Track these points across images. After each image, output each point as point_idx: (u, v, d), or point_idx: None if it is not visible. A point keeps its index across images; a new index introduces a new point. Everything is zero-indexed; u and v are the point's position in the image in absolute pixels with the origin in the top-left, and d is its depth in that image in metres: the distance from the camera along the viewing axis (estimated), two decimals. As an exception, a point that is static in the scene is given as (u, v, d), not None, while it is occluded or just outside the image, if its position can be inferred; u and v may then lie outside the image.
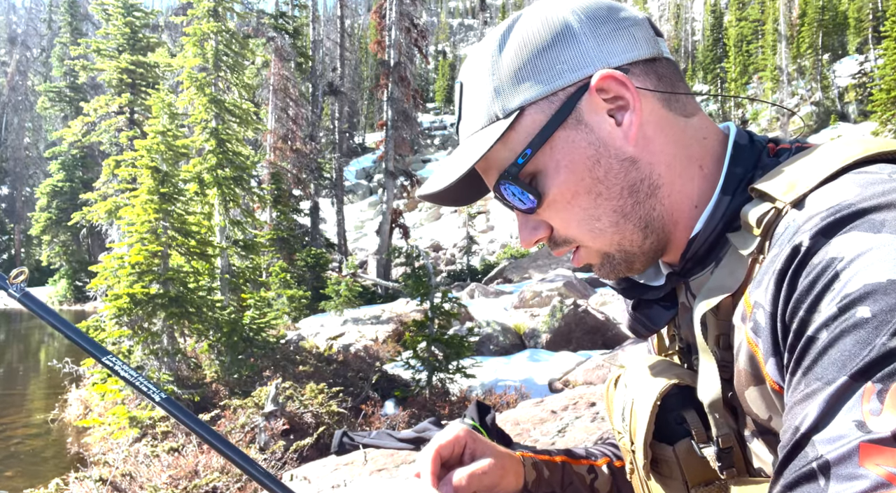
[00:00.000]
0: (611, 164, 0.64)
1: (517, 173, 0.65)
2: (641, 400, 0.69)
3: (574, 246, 0.70)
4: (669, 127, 0.65)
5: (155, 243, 7.33)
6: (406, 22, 18.56)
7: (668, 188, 0.65)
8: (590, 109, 0.63)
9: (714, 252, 0.65)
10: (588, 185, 0.65)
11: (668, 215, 0.66)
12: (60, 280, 29.49)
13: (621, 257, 0.68)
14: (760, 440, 0.59)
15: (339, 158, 22.57)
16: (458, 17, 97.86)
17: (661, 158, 0.65)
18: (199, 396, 6.97)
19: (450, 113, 60.42)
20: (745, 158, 0.66)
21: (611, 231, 0.66)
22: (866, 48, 33.99)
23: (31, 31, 50.25)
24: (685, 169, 0.66)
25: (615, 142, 0.64)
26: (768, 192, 0.58)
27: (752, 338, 0.54)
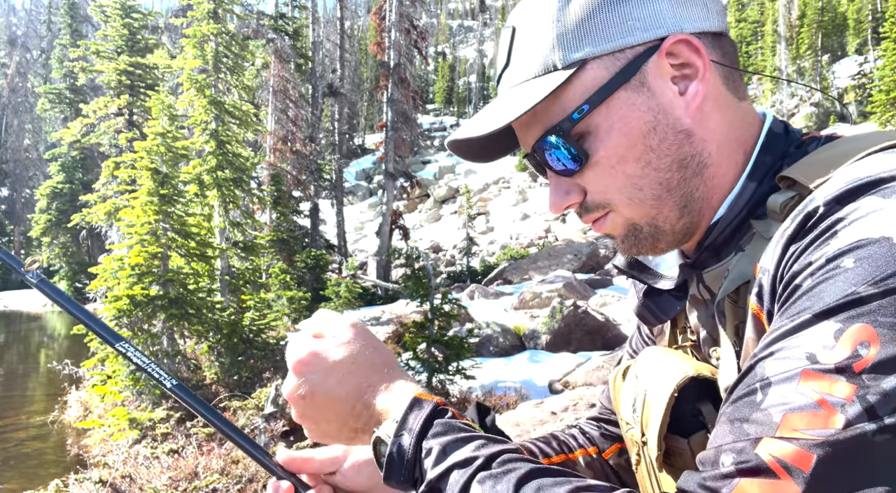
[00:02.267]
0: (666, 133, 0.62)
1: (570, 129, 0.62)
2: (656, 392, 0.68)
3: (605, 212, 0.67)
4: (726, 106, 0.64)
5: (155, 245, 7.33)
6: (406, 23, 18.58)
7: (714, 170, 0.64)
8: (655, 73, 0.61)
9: (733, 242, 0.64)
10: (639, 151, 0.62)
11: (706, 199, 0.65)
12: (60, 282, 29.47)
13: (649, 233, 0.66)
14: None
15: (339, 160, 22.57)
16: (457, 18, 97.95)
17: (714, 137, 0.63)
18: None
19: (450, 114, 60.43)
20: (776, 147, 0.65)
21: (650, 203, 0.64)
22: (865, 49, 34.03)
23: (31, 33, 50.29)
24: (733, 152, 0.65)
25: (675, 111, 0.62)
26: (795, 178, 0.57)
27: (755, 303, 0.54)
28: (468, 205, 25.16)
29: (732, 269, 0.62)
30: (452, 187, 36.84)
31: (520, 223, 28.50)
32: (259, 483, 4.66)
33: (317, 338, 0.66)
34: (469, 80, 64.98)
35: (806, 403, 0.42)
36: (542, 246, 22.70)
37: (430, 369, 6.90)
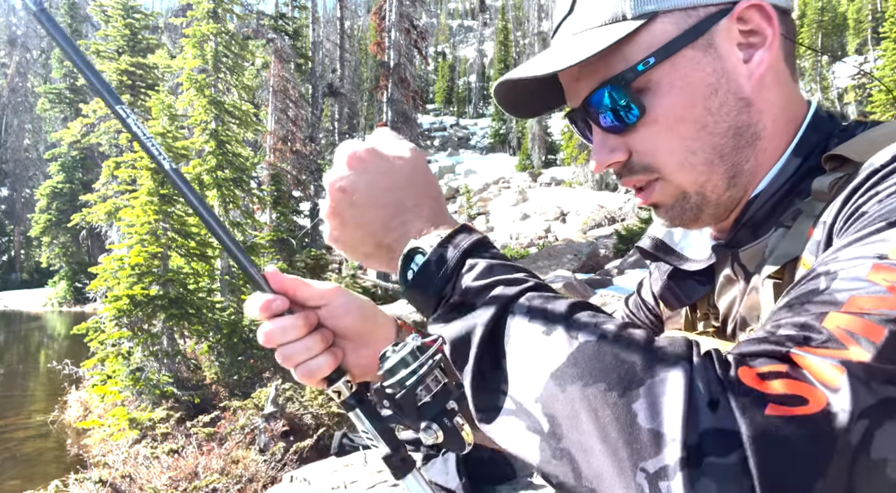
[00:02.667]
0: (727, 98, 0.61)
1: (631, 81, 0.61)
2: None
3: (651, 178, 0.65)
4: (785, 82, 0.64)
5: (155, 245, 7.33)
6: (406, 23, 18.59)
7: (766, 143, 0.63)
8: (724, 36, 0.61)
9: (772, 219, 0.63)
10: (698, 113, 0.61)
11: (753, 172, 0.64)
12: (60, 282, 29.49)
13: (696, 202, 0.65)
14: None
15: (339, 160, 22.57)
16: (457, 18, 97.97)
17: (771, 110, 0.63)
18: (199, 397, 6.97)
19: (449, 114, 60.42)
20: (822, 127, 0.65)
21: (701, 169, 0.63)
22: (865, 49, 34.05)
23: (31, 33, 50.27)
24: (785, 127, 0.64)
25: (738, 78, 0.61)
26: (847, 155, 0.56)
27: (807, 259, 0.54)
28: (468, 205, 25.16)
29: (775, 246, 0.61)
30: (452, 187, 36.85)
31: (520, 223, 28.50)
32: (259, 483, 4.66)
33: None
34: (469, 80, 64.97)
35: (875, 289, 0.40)
36: (542, 246, 22.71)
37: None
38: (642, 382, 0.40)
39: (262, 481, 4.68)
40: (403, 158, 0.60)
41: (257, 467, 4.79)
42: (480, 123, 53.50)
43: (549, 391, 0.43)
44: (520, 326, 0.47)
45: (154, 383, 6.91)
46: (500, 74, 45.38)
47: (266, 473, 4.77)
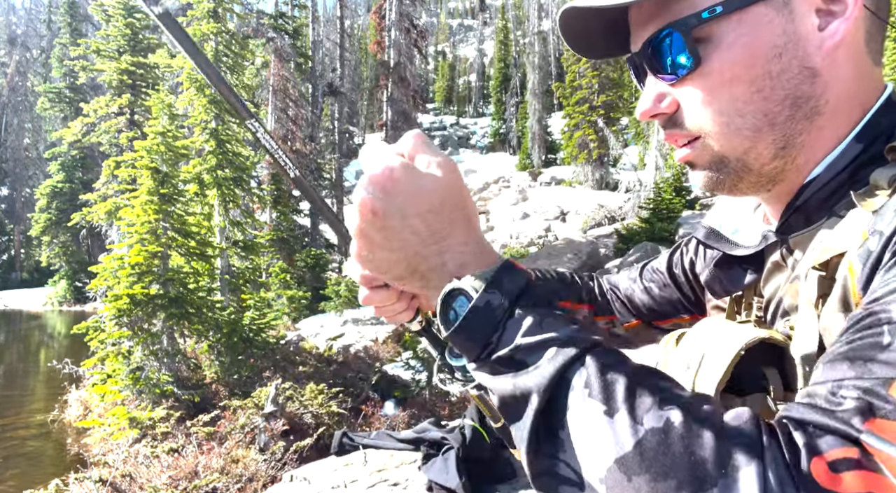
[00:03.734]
0: (791, 64, 0.57)
1: (693, 27, 0.57)
2: (720, 349, 0.65)
3: (693, 137, 0.62)
4: (860, 62, 0.60)
5: (155, 244, 7.33)
6: (406, 22, 18.58)
7: (826, 121, 0.59)
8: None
9: (826, 206, 0.60)
10: (756, 74, 0.58)
11: (807, 147, 0.60)
12: (60, 281, 29.49)
13: (735, 168, 0.62)
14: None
15: (339, 159, 22.57)
16: (457, 17, 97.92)
17: (837, 87, 0.59)
18: (199, 396, 6.97)
19: (450, 113, 60.40)
20: (893, 114, 0.60)
21: (747, 134, 0.60)
22: (866, 48, 34.07)
23: (31, 32, 50.26)
24: (852, 110, 0.60)
25: (808, 45, 0.57)
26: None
27: (854, 265, 0.51)
28: (468, 204, 25.14)
29: (823, 237, 0.58)
30: (452, 187, 36.80)
31: (520, 222, 28.49)
32: (259, 482, 4.67)
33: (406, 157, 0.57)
34: (469, 79, 64.93)
35: None
36: (542, 245, 22.70)
37: (430, 369, 6.90)
38: (715, 482, 0.39)
39: (262, 480, 4.68)
40: (438, 178, 0.55)
41: (257, 466, 4.80)
42: (480, 123, 53.47)
43: (614, 477, 0.42)
44: (579, 400, 0.46)
45: (154, 383, 6.91)
46: (500, 73, 45.34)
47: (266, 472, 4.78)
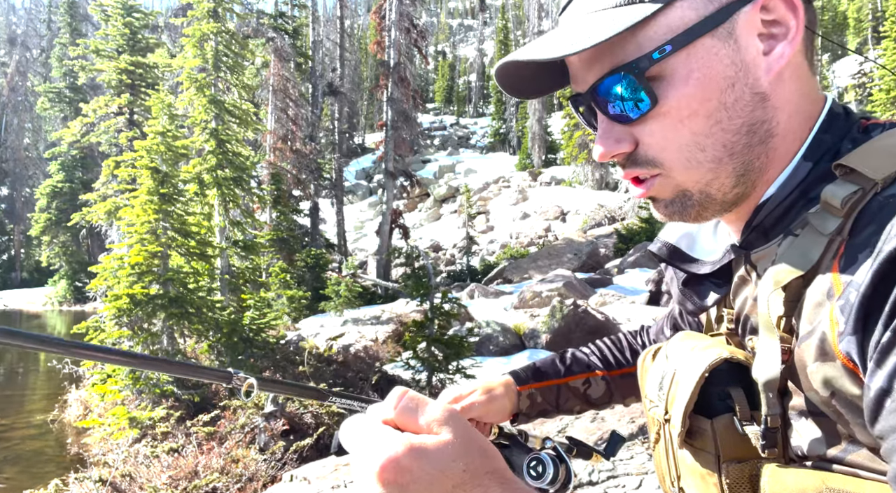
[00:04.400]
0: (743, 92, 0.57)
1: (646, 69, 0.57)
2: (686, 371, 0.67)
3: (654, 172, 0.62)
4: (803, 76, 0.60)
5: (155, 244, 7.33)
6: (406, 22, 18.58)
7: (779, 141, 0.60)
8: (745, 25, 0.57)
9: (782, 224, 0.61)
10: (712, 107, 0.57)
11: (763, 170, 0.61)
12: (60, 281, 29.49)
13: (699, 200, 0.62)
14: (810, 419, 0.57)
15: (339, 159, 22.57)
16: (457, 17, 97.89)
17: (787, 107, 0.59)
18: (199, 396, 6.97)
19: (450, 113, 60.39)
20: (836, 128, 0.61)
21: (708, 166, 0.60)
22: (866, 48, 34.02)
23: (31, 32, 50.25)
24: (800, 126, 0.61)
25: (756, 71, 0.57)
26: (856, 168, 0.54)
27: (836, 315, 0.51)
28: (468, 204, 25.16)
29: (780, 257, 0.58)
30: (452, 186, 36.84)
31: (520, 222, 28.49)
32: (259, 482, 4.67)
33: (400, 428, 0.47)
34: (469, 79, 64.93)
35: None
36: (541, 245, 22.70)
37: (430, 369, 6.91)
38: None
39: (262, 480, 4.68)
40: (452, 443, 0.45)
41: (257, 466, 4.80)
42: (480, 123, 53.48)
43: None
44: None
45: (154, 383, 6.91)
46: (500, 74, 45.29)
47: (266, 472, 4.78)
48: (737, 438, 0.63)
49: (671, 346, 0.75)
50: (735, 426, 0.63)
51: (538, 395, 1.04)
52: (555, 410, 1.07)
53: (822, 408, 0.55)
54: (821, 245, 0.55)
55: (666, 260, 0.77)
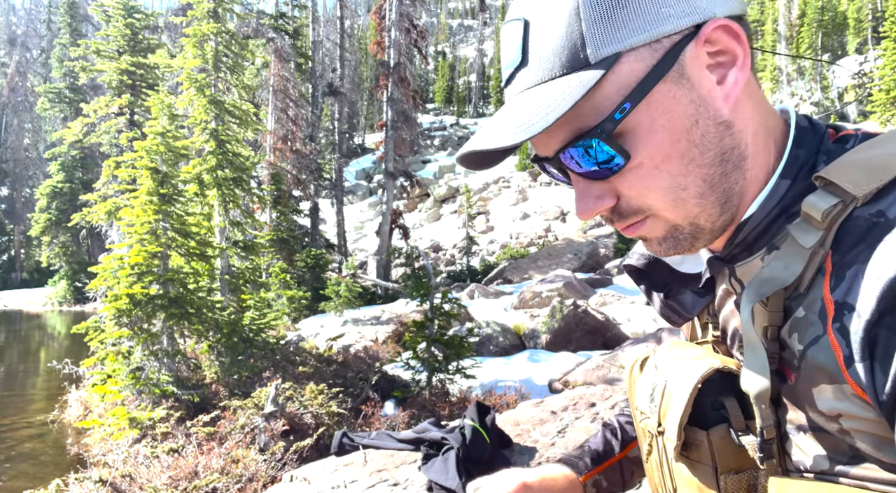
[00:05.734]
0: (708, 126, 0.57)
1: (612, 130, 0.56)
2: (679, 382, 0.66)
3: (642, 217, 0.62)
4: (754, 92, 0.61)
5: (154, 244, 7.33)
6: (406, 22, 18.58)
7: (752, 161, 0.60)
8: (693, 63, 0.57)
9: (765, 238, 0.62)
10: (683, 148, 0.57)
11: (744, 192, 0.61)
12: (60, 281, 29.49)
13: (690, 232, 0.62)
14: (811, 434, 0.56)
15: (339, 159, 22.58)
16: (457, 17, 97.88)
17: (750, 127, 0.60)
18: (199, 396, 6.97)
19: (450, 113, 60.39)
20: (808, 141, 0.61)
21: (693, 202, 0.60)
22: (865, 48, 34.03)
23: (31, 33, 50.27)
24: (766, 141, 0.61)
25: (715, 102, 0.58)
26: (836, 182, 0.55)
27: (837, 339, 0.51)
28: (468, 204, 25.16)
29: (764, 270, 0.59)
30: (452, 187, 36.84)
31: (520, 223, 28.48)
32: (259, 482, 4.67)
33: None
34: (469, 79, 64.94)
35: None
36: (541, 245, 22.70)
37: (430, 369, 6.91)
38: None
39: (262, 480, 4.68)
40: None
41: (257, 466, 4.80)
42: (480, 123, 53.50)
43: None
44: None
45: (154, 383, 6.91)
46: (499, 74, 45.31)
47: (266, 472, 4.78)
48: (733, 448, 0.62)
49: (660, 356, 0.74)
50: (731, 437, 0.62)
51: (603, 479, 0.97)
52: (621, 488, 1.00)
53: (825, 426, 0.54)
54: (803, 258, 0.55)
55: (644, 271, 0.76)
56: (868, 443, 0.51)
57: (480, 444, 3.15)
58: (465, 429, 3.24)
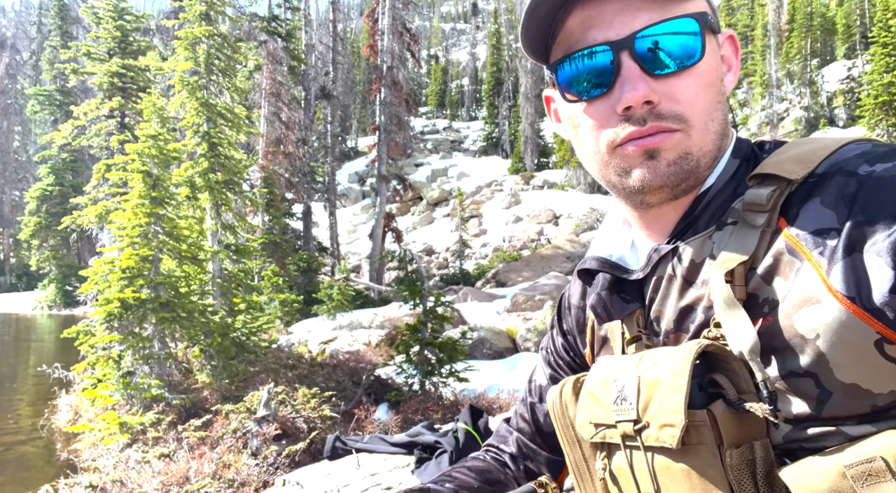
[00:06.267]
0: (722, 90, 0.69)
1: (710, 23, 0.67)
2: (663, 369, 0.62)
3: (676, 128, 0.65)
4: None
5: (146, 248, 7.28)
6: (399, 26, 18.60)
7: (727, 141, 0.72)
8: (719, 48, 0.70)
9: (714, 217, 0.68)
10: (717, 88, 0.68)
11: (716, 162, 0.70)
12: (50, 285, 29.26)
13: (692, 166, 0.67)
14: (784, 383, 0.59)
15: (332, 162, 22.54)
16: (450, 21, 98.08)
17: (726, 119, 0.70)
18: (191, 401, 6.93)
19: (442, 117, 60.43)
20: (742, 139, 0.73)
21: (712, 135, 0.68)
22: (854, 54, 34.36)
23: (21, 35, 49.94)
24: (726, 135, 0.71)
25: (722, 82, 0.70)
26: (775, 173, 0.64)
27: (817, 259, 0.58)
28: (461, 207, 25.17)
29: (724, 245, 0.65)
30: (445, 190, 36.85)
31: (512, 226, 28.53)
32: (251, 487, 4.64)
33: None
34: (461, 83, 65.03)
35: None
36: (534, 249, 22.74)
37: (423, 372, 6.90)
38: None
39: (254, 485, 4.66)
40: None
41: (249, 471, 4.77)
42: (473, 126, 53.57)
43: None
44: None
45: (145, 387, 6.86)
46: (492, 77, 45.44)
47: (258, 477, 4.76)
48: (735, 421, 0.61)
49: (610, 368, 0.71)
50: (732, 407, 0.60)
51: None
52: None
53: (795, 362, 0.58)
54: (755, 236, 0.63)
55: (602, 270, 0.80)
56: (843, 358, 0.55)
57: (474, 447, 3.15)
58: (458, 433, 3.24)
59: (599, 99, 0.68)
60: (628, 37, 0.64)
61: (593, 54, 0.66)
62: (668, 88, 0.65)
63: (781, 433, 0.61)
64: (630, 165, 0.68)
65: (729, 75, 0.71)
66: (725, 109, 0.69)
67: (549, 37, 0.70)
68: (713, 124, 0.66)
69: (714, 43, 0.68)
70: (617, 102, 0.66)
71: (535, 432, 0.96)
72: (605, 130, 0.68)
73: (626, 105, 0.64)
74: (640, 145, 0.66)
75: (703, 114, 0.66)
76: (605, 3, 0.65)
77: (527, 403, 0.98)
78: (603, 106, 0.68)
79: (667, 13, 0.65)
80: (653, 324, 0.74)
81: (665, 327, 0.72)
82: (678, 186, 0.68)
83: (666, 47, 0.64)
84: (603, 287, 0.80)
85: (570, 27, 0.68)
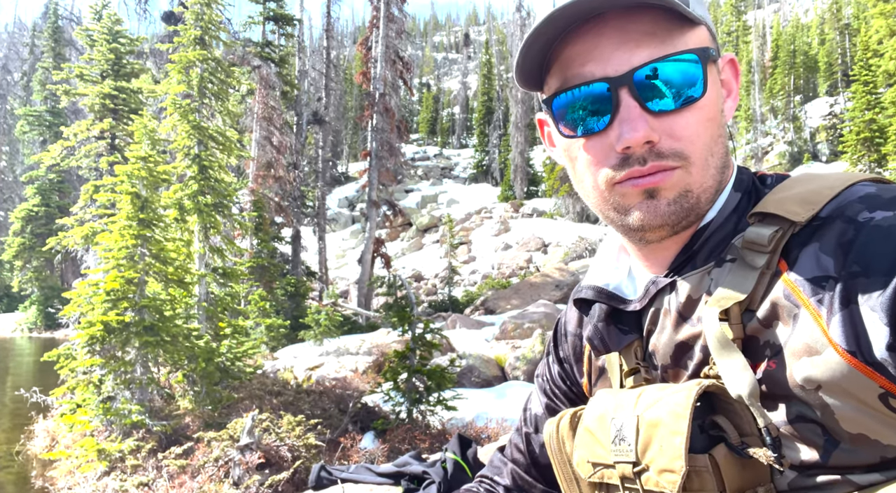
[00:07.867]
0: (722, 120, 0.68)
1: (711, 59, 0.65)
2: (663, 410, 0.61)
3: (677, 165, 0.63)
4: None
5: (132, 270, 7.19)
6: (392, 55, 18.86)
7: (729, 173, 0.70)
8: (718, 72, 0.68)
9: (715, 253, 0.66)
10: (718, 121, 0.66)
11: (717, 195, 0.68)
12: (31, 307, 28.75)
13: (691, 204, 0.65)
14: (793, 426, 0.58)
15: (322, 187, 22.57)
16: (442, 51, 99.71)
17: (726, 152, 0.69)
18: (172, 428, 6.77)
19: (433, 144, 60.94)
20: (744, 170, 0.71)
21: (712, 171, 0.66)
22: (836, 91, 35.25)
23: (13, 56, 49.98)
24: (727, 167, 0.69)
25: (726, 114, 0.70)
26: (777, 213, 0.61)
27: (816, 308, 0.55)
28: (450, 234, 25.21)
29: (721, 282, 0.63)
30: (435, 216, 36.96)
31: (501, 253, 28.58)
32: (232, 518, 4.51)
33: None
34: (453, 111, 65.80)
35: None
36: (523, 276, 22.77)
37: (410, 400, 6.80)
38: None
39: (235, 516, 4.52)
40: None
41: (231, 501, 4.64)
42: (463, 154, 54.03)
43: None
44: None
45: (125, 413, 6.70)
46: (483, 106, 46.02)
47: (239, 507, 4.62)
48: (737, 466, 0.59)
49: (609, 404, 0.69)
50: (733, 454, 0.59)
51: None
52: None
53: (802, 409, 0.56)
54: (754, 277, 0.60)
55: (598, 299, 0.78)
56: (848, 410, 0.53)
57: (462, 478, 3.09)
58: (446, 463, 3.18)
59: (597, 135, 0.65)
60: (627, 73, 0.62)
61: (591, 90, 0.64)
62: (668, 125, 0.63)
63: (787, 479, 0.59)
64: (629, 203, 0.66)
65: (729, 101, 0.70)
66: (726, 140, 0.67)
67: (544, 66, 0.69)
68: (713, 159, 0.65)
69: (715, 72, 0.66)
70: (616, 140, 0.64)
71: (531, 464, 0.93)
72: (603, 167, 0.66)
73: (625, 145, 0.63)
74: (640, 185, 0.64)
75: (703, 150, 0.64)
76: (602, 36, 0.62)
77: (522, 432, 0.96)
78: (601, 143, 0.66)
79: (668, 48, 0.62)
80: (651, 357, 0.72)
81: (662, 362, 0.70)
82: (678, 224, 0.66)
83: (667, 84, 0.61)
84: (599, 318, 0.78)
85: (567, 59, 0.66)
